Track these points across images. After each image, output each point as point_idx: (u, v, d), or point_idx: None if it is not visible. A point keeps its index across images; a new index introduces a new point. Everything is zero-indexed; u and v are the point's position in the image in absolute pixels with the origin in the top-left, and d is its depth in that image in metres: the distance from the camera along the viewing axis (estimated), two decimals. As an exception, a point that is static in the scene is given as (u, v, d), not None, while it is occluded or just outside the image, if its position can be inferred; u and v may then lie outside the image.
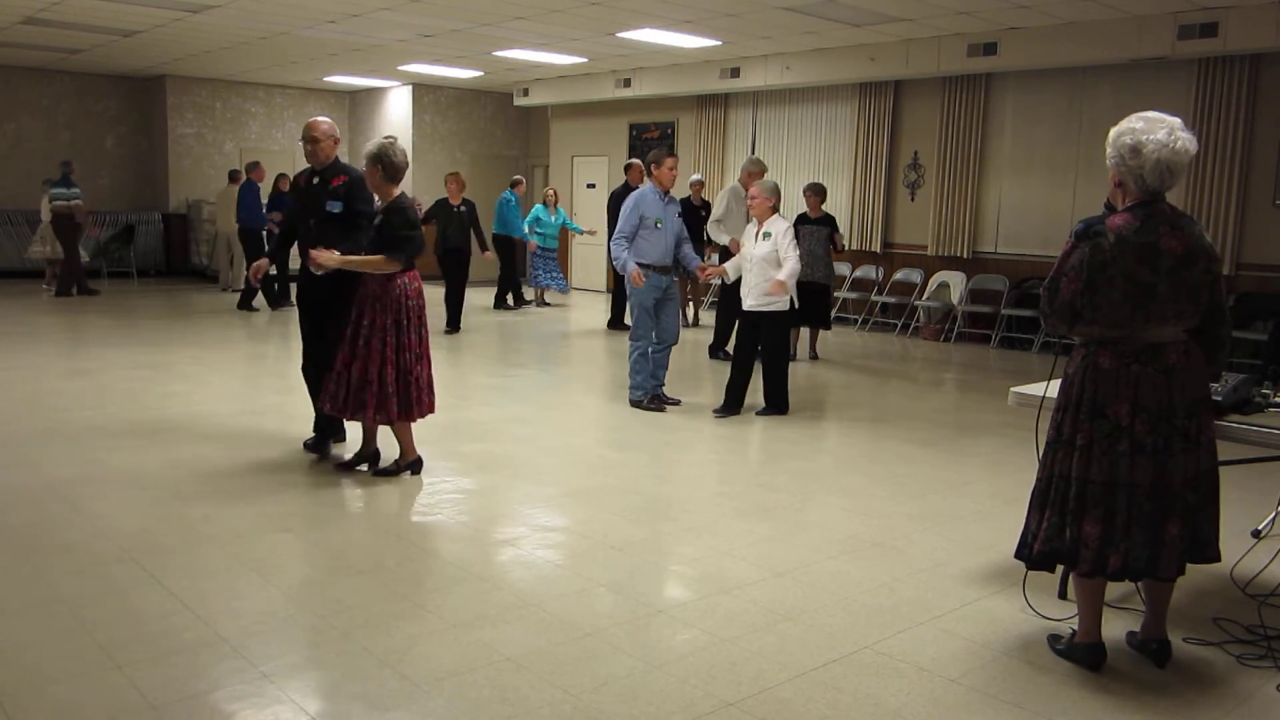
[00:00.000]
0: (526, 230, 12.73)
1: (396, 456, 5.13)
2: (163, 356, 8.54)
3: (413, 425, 5.10)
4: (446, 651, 3.14)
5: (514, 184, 13.06)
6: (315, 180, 5.24)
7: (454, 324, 10.54)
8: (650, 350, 6.96)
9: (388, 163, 4.81)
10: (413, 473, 5.11)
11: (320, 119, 5.29)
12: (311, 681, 2.95)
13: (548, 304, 13.46)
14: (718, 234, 8.91)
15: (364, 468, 5.17)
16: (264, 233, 12.12)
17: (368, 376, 4.83)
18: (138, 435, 5.80)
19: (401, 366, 4.88)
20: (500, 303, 12.88)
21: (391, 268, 4.82)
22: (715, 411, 6.83)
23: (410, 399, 4.92)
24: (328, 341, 5.13)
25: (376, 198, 5.00)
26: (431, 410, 5.08)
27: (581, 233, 13.79)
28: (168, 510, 4.47)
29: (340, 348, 4.92)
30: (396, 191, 4.93)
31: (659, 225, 6.79)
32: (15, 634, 3.19)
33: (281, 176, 12.65)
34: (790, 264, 6.50)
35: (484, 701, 2.84)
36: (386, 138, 4.95)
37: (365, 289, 4.89)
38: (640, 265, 6.76)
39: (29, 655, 3.04)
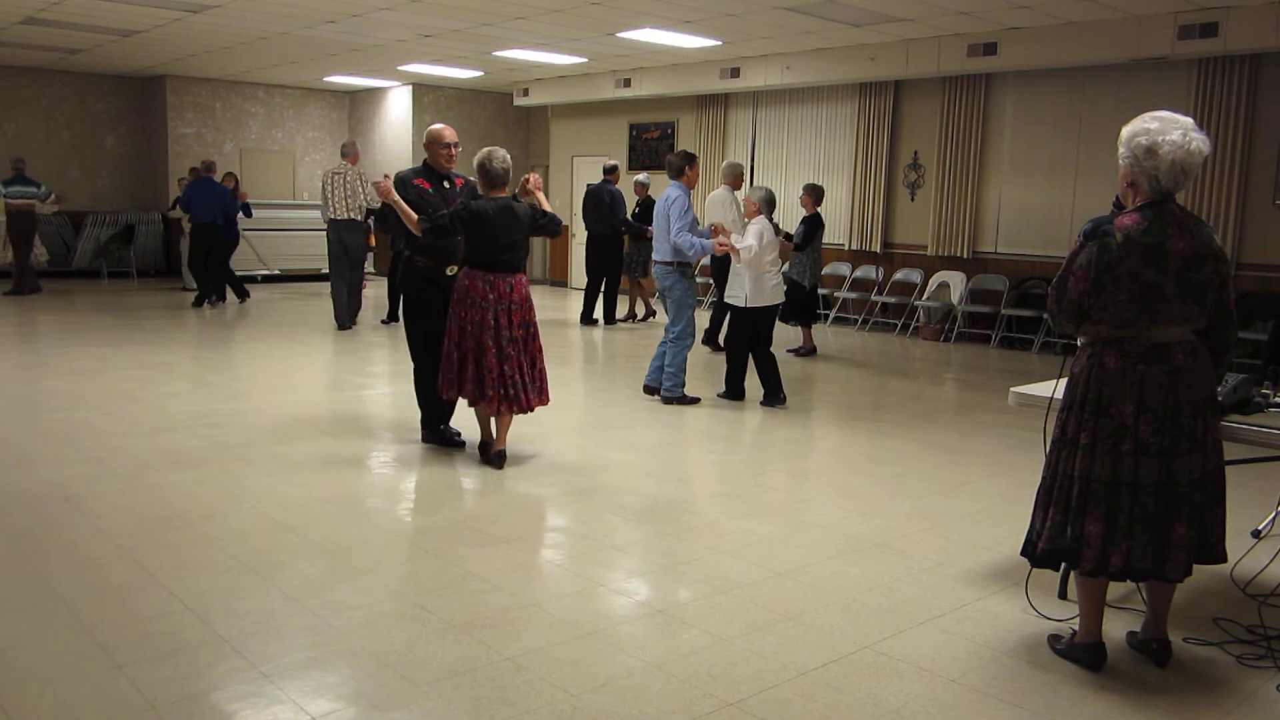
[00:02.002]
0: None
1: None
2: (162, 356, 8.53)
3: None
4: (446, 651, 3.14)
5: None
6: (446, 184, 5.65)
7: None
8: (662, 348, 7.14)
9: (483, 170, 5.26)
10: (491, 462, 5.34)
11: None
12: (311, 681, 2.94)
13: None
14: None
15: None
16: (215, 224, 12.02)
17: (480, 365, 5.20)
18: (138, 435, 5.80)
19: (492, 361, 5.15)
20: None
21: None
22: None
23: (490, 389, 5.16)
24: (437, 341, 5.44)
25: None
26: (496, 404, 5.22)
27: None
28: (168, 510, 4.47)
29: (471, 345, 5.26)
30: (502, 194, 5.28)
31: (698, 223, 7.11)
32: (15, 634, 3.19)
33: (229, 175, 12.62)
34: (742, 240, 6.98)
35: (484, 701, 2.84)
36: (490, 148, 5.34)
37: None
38: (682, 265, 6.95)
39: (29, 655, 3.04)
